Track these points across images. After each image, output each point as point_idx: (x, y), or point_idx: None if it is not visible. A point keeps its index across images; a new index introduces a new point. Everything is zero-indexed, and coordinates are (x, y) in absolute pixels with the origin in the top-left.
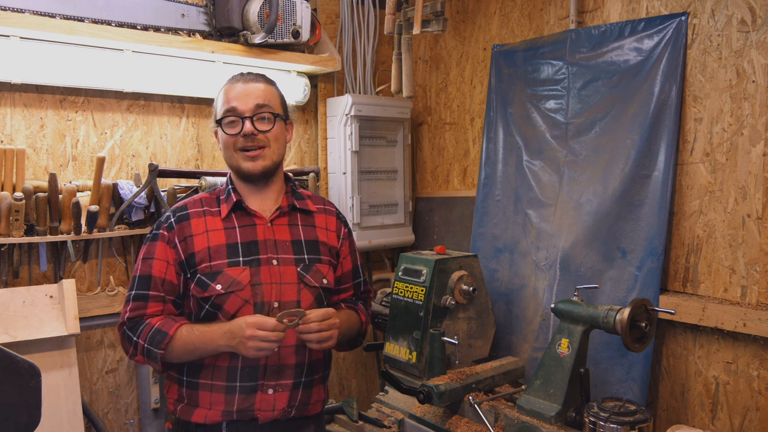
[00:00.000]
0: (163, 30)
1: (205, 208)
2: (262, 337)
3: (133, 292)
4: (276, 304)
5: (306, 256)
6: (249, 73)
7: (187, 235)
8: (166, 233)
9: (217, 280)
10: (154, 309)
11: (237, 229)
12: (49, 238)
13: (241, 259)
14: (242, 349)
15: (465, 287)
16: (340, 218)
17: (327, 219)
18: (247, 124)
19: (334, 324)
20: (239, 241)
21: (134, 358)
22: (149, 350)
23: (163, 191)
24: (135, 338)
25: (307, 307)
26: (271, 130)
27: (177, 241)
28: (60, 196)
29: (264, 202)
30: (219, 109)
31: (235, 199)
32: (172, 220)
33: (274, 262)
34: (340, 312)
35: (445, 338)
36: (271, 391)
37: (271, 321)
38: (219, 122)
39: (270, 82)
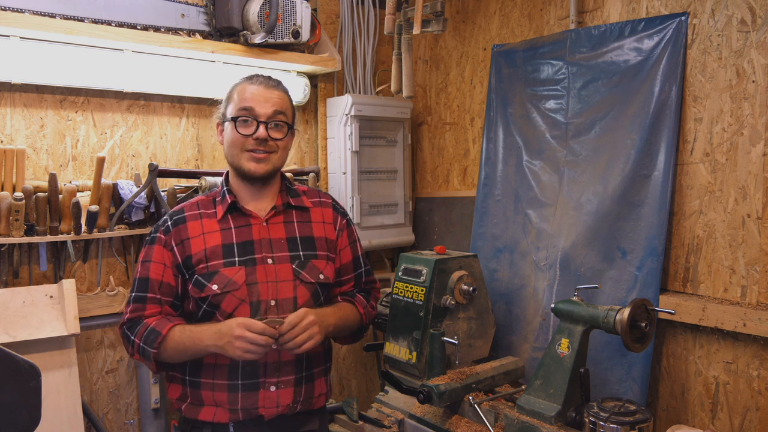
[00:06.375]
0: (163, 30)
1: (201, 211)
2: (250, 339)
3: (133, 294)
4: (273, 302)
5: (301, 253)
6: (269, 77)
7: (184, 238)
8: (163, 236)
9: (213, 281)
10: (152, 310)
11: (233, 229)
12: (49, 238)
13: (236, 259)
14: (230, 349)
15: (465, 287)
16: (337, 209)
17: (323, 212)
18: (262, 129)
19: (310, 323)
20: (235, 241)
21: (134, 357)
22: (144, 349)
23: (163, 191)
24: (132, 337)
25: (303, 303)
26: (283, 138)
27: (174, 244)
28: (60, 196)
29: (260, 202)
30: (234, 105)
31: (230, 201)
32: (169, 223)
33: (269, 260)
34: (334, 306)
35: (445, 338)
36: (273, 388)
37: (259, 324)
38: (234, 119)
39: (286, 91)
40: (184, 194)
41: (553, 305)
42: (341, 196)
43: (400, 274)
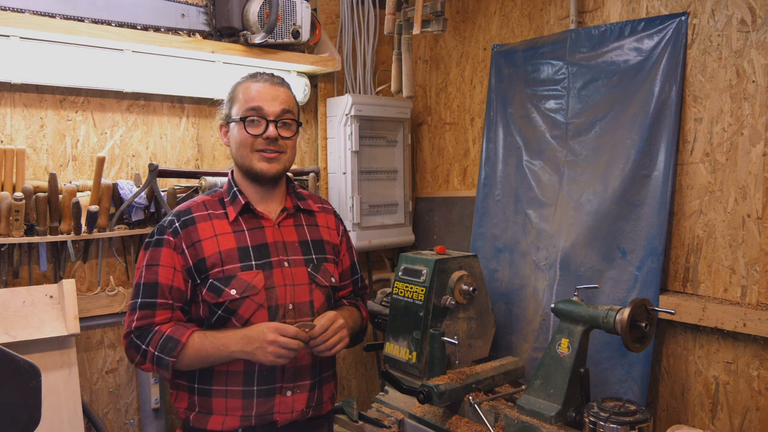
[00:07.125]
0: (163, 30)
1: (209, 212)
2: (283, 344)
3: (139, 300)
4: (290, 306)
5: (314, 256)
6: (273, 75)
7: (195, 241)
8: (171, 239)
9: (231, 285)
10: (163, 317)
11: (246, 232)
12: (49, 238)
13: (253, 262)
14: (260, 354)
15: (465, 287)
16: (337, 216)
17: (327, 217)
18: (272, 128)
19: (341, 326)
20: (250, 244)
21: (141, 367)
22: (160, 358)
23: (163, 191)
24: (144, 346)
25: (318, 306)
26: (292, 137)
27: (184, 247)
28: (60, 196)
29: (269, 204)
30: (240, 104)
31: (243, 202)
32: (177, 225)
33: (286, 264)
34: (344, 309)
35: (445, 338)
36: (289, 393)
37: (292, 327)
38: (243, 120)
39: (290, 87)
40: (184, 194)
41: (553, 305)
42: (341, 196)
43: (400, 274)
